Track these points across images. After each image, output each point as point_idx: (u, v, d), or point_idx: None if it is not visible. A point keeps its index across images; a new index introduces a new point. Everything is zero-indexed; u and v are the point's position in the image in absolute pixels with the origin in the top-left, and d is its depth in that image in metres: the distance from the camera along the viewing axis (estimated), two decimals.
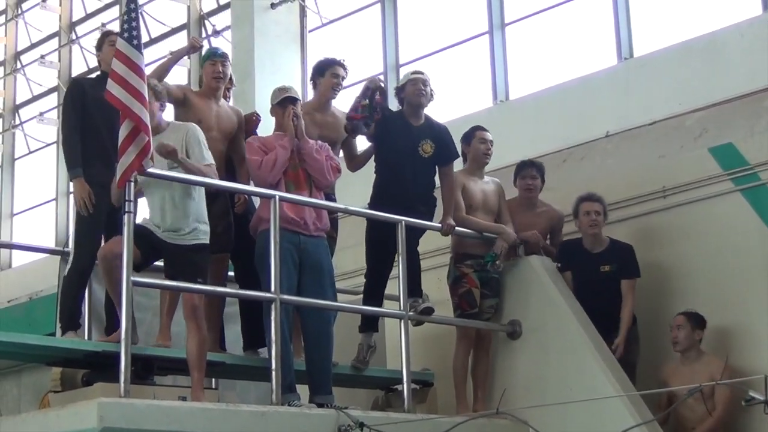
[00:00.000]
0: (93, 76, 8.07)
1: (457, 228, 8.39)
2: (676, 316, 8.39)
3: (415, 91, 8.32)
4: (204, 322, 7.15)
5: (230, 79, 8.38)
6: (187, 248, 7.15)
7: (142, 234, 6.96)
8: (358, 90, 8.51)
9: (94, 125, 7.62)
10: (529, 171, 9.03)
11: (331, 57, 8.53)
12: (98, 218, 7.54)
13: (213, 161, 7.33)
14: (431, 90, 8.41)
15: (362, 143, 8.70)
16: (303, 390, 7.62)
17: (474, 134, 8.70)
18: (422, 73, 8.47)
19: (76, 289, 7.62)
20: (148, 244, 7.05)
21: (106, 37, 7.93)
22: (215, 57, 8.22)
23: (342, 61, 8.42)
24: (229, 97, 8.60)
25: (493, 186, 8.77)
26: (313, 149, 7.77)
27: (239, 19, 15.00)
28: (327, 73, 8.36)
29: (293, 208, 7.55)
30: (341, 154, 8.58)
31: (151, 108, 6.93)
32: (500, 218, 8.68)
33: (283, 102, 7.80)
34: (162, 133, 7.22)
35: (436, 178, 8.53)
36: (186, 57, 9.29)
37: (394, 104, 8.74)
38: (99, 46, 8.03)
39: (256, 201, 8.01)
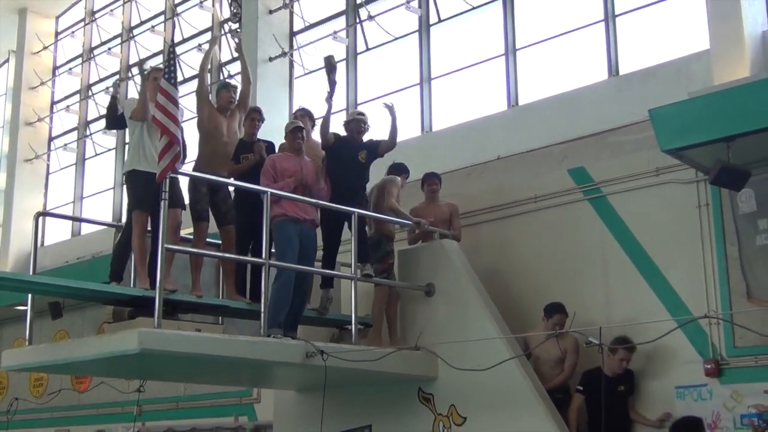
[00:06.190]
0: None
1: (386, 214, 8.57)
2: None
3: (357, 126, 8.54)
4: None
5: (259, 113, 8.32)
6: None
7: None
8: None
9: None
10: (432, 179, 9.18)
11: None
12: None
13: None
14: (367, 125, 8.62)
15: None
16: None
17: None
18: (363, 114, 8.71)
19: (122, 253, 7.53)
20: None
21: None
22: (229, 87, 8.28)
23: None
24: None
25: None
26: (322, 188, 8.05)
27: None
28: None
29: (301, 208, 7.68)
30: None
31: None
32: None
33: (294, 131, 7.98)
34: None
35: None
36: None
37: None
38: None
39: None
